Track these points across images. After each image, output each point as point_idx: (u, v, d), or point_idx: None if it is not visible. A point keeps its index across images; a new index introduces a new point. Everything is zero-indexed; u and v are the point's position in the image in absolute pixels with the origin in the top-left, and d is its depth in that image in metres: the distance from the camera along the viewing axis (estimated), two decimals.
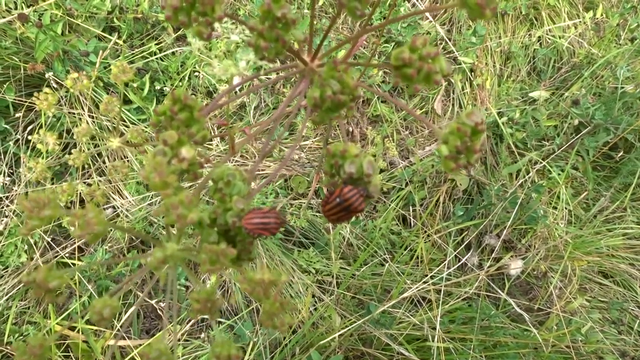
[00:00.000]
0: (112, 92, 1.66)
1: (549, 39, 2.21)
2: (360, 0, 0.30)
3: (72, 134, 1.60)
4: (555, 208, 1.98)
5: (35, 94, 0.52)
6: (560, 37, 2.20)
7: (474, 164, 0.30)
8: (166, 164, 0.27)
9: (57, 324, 1.47)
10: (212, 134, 1.66)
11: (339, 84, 0.32)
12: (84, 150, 0.61)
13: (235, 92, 1.56)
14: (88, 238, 0.27)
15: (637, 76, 2.04)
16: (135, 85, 1.68)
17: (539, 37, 2.21)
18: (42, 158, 1.45)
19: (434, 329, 1.50)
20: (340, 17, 2.00)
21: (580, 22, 2.21)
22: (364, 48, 1.95)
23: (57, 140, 0.54)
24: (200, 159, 0.32)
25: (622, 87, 1.96)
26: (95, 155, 1.65)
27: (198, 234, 0.32)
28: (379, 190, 0.35)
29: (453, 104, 2.14)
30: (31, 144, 1.60)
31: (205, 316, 0.30)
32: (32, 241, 1.57)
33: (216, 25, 0.31)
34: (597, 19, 2.23)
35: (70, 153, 0.60)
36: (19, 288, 1.58)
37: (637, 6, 2.19)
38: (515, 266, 1.61)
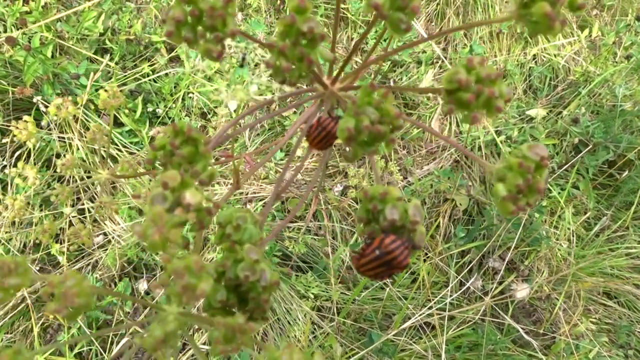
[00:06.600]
0: (103, 114, 1.61)
1: (544, 56, 2.20)
2: (405, 11, 0.24)
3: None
4: (556, 227, 1.94)
5: (14, 122, 0.47)
6: (555, 55, 2.19)
7: (534, 205, 0.25)
8: (166, 215, 0.21)
9: (45, 358, 1.39)
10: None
11: (378, 112, 0.27)
12: (71, 181, 0.56)
13: (232, 116, 1.51)
14: (66, 314, 0.22)
15: (635, 94, 2.03)
16: (127, 107, 1.64)
17: (534, 55, 2.20)
18: (20, 193, 1.38)
19: (439, 356, 1.45)
20: (337, 32, 1.98)
21: (575, 40, 2.21)
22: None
23: (38, 174, 0.49)
24: (207, 204, 0.26)
25: (621, 105, 1.94)
26: (86, 178, 1.59)
27: None
28: (425, 239, 0.29)
29: (450, 123, 2.11)
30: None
31: None
32: None
33: (228, 41, 0.26)
34: (592, 37, 2.23)
35: (59, 179, 0.55)
36: (5, 320, 1.51)
37: (632, 24, 2.19)
38: (522, 294, 1.56)
